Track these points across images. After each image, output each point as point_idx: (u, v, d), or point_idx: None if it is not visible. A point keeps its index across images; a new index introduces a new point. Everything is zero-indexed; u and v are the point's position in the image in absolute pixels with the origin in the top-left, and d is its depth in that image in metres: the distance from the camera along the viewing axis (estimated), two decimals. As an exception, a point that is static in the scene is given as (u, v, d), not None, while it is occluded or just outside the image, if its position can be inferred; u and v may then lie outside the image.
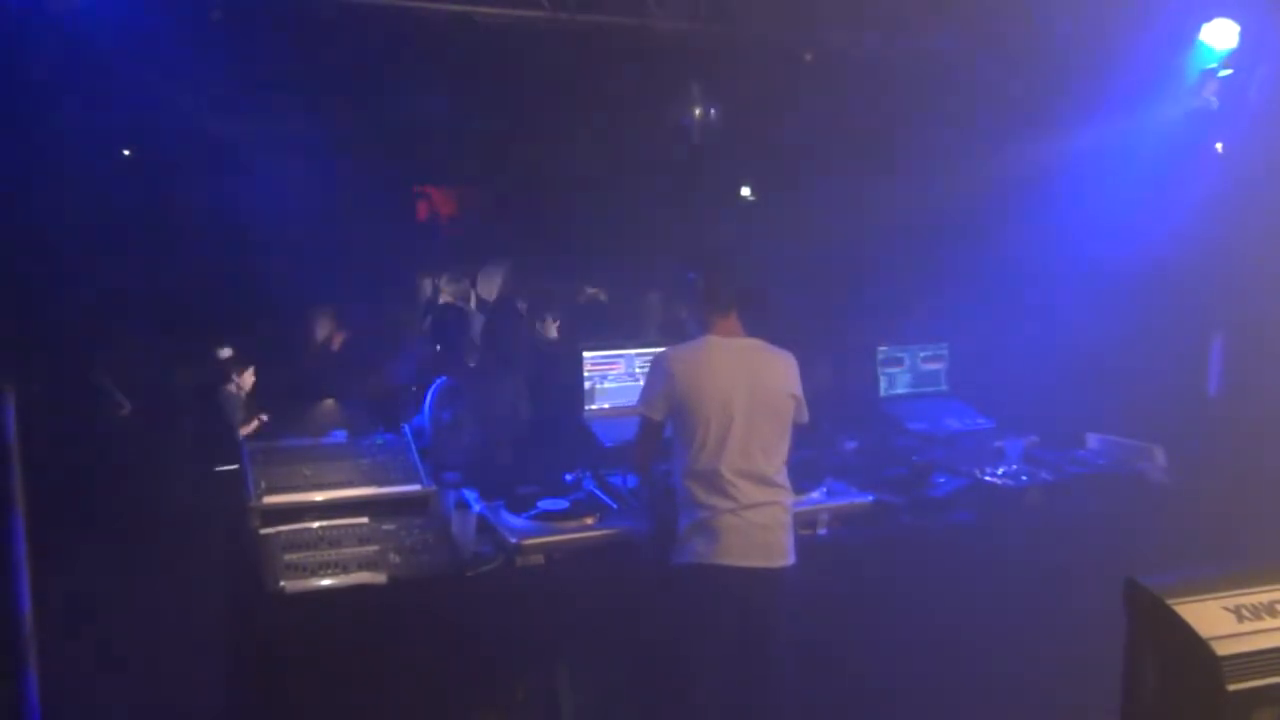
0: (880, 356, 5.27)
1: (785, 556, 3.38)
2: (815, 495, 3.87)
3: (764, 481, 3.35)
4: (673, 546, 3.39)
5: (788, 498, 3.44)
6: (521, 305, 6.16)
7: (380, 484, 3.58)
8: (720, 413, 3.33)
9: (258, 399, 5.57)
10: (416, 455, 3.75)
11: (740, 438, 3.33)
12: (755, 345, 3.51)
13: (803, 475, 3.71)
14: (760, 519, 3.32)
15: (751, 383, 3.40)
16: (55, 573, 3.61)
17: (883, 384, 5.25)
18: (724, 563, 3.29)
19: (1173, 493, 4.40)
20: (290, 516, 3.40)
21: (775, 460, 3.42)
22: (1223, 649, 2.54)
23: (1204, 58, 4.83)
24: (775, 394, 3.44)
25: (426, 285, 7.62)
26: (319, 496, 3.48)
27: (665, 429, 3.44)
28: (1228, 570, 2.82)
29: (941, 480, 4.23)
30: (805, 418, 3.53)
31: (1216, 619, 2.61)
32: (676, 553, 3.37)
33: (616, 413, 4.38)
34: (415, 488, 3.60)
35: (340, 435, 3.81)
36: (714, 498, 3.30)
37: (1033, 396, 5.06)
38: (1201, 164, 4.95)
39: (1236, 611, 2.64)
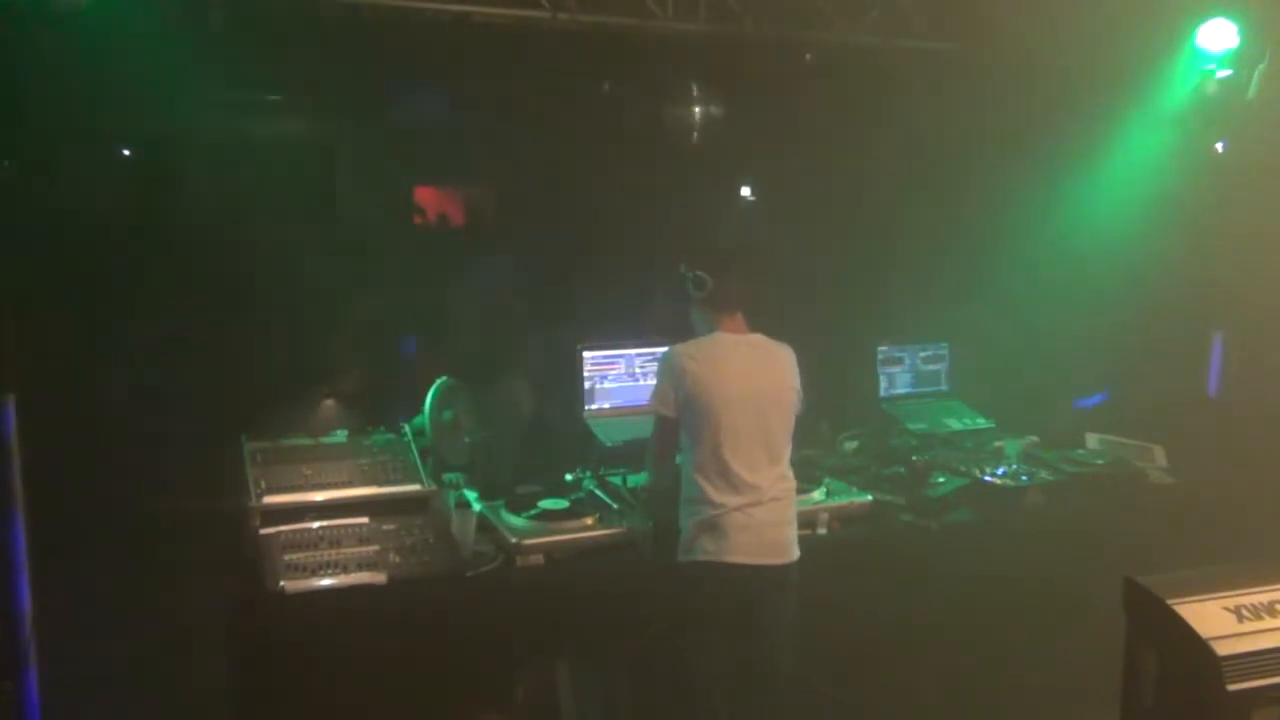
0: (880, 356, 5.27)
1: (792, 552, 3.39)
2: (815, 495, 3.88)
3: (774, 477, 3.36)
4: (680, 544, 3.38)
5: (794, 492, 3.45)
6: (520, 304, 6.15)
7: (380, 484, 3.57)
8: (731, 409, 3.33)
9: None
10: (416, 455, 3.74)
11: (751, 433, 3.34)
12: (761, 341, 3.52)
13: (803, 475, 3.71)
14: (768, 516, 3.33)
15: (761, 379, 3.42)
16: (56, 573, 3.61)
17: (883, 384, 5.25)
18: (733, 560, 3.29)
19: (1173, 493, 4.40)
20: (290, 516, 3.39)
21: (783, 455, 3.43)
22: (1223, 649, 2.54)
23: (1202, 58, 4.82)
24: (782, 389, 3.46)
25: (424, 284, 7.60)
26: (319, 496, 3.48)
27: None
28: (1228, 570, 2.82)
29: (941, 480, 4.24)
30: (801, 407, 3.54)
31: (1216, 619, 2.62)
32: (684, 550, 3.37)
33: (616, 413, 4.38)
34: (415, 488, 3.59)
35: (340, 435, 3.81)
36: (725, 494, 3.30)
37: (1033, 396, 5.07)
38: (1201, 164, 4.95)
39: (1236, 611, 2.65)
